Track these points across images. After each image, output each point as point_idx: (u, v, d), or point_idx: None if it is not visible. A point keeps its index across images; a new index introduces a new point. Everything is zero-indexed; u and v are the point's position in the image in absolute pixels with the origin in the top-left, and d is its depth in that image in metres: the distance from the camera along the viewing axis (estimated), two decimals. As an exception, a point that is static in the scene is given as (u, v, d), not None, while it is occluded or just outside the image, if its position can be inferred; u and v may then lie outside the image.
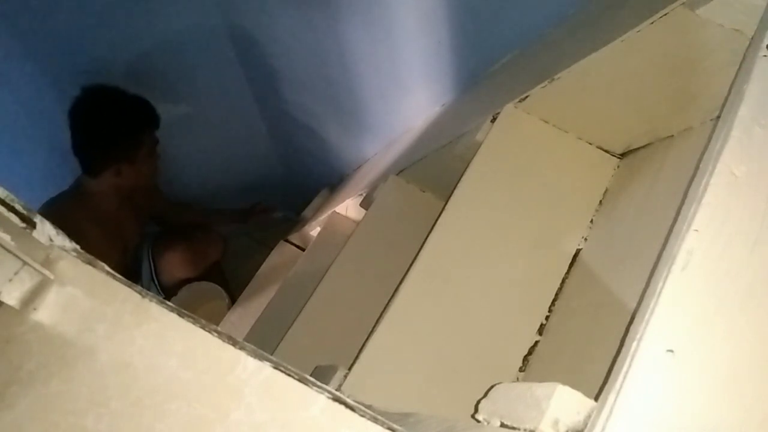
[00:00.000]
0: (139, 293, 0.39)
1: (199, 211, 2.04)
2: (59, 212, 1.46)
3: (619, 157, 0.85)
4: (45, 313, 0.38)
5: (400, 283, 0.77)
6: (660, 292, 0.37)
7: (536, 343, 0.75)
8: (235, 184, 2.26)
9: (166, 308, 0.39)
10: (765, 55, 0.46)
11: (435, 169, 1.12)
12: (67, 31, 1.61)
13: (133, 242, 1.75)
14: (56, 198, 1.55)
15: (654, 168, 0.75)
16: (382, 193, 1.26)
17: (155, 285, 1.82)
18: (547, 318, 0.76)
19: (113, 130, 1.50)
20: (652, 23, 0.63)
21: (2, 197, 0.36)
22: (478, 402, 0.46)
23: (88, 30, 1.61)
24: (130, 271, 1.79)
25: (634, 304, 0.59)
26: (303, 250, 1.93)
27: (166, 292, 1.82)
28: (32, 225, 0.38)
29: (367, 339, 0.74)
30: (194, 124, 1.96)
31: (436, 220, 0.80)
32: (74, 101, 1.47)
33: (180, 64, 1.73)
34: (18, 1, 1.54)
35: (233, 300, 1.93)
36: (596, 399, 0.37)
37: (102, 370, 0.37)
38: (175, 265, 1.84)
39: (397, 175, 1.25)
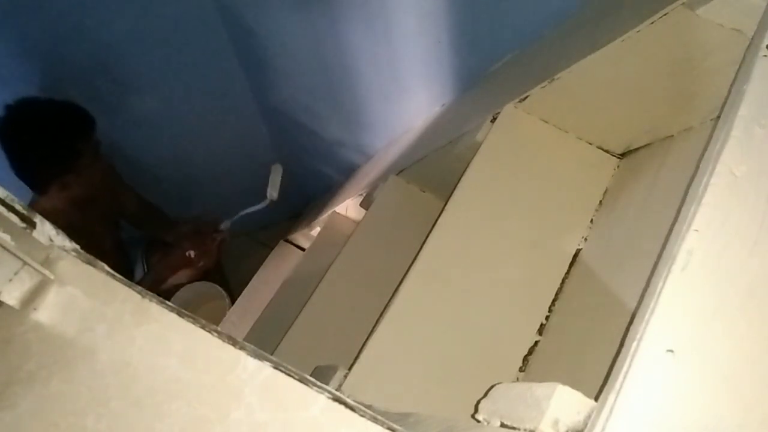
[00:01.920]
0: (139, 293, 0.39)
1: (163, 216, 1.94)
2: None
3: (619, 157, 0.85)
4: (45, 313, 0.38)
5: (400, 283, 0.77)
6: (660, 292, 0.37)
7: (536, 343, 0.75)
8: (234, 184, 2.26)
9: (166, 308, 0.39)
10: (765, 55, 0.46)
11: (435, 169, 1.12)
12: (66, 29, 1.61)
13: (108, 245, 1.69)
14: None
15: (654, 168, 0.75)
16: (382, 193, 1.26)
17: None
18: (547, 318, 0.76)
19: (47, 144, 1.41)
20: (652, 23, 0.63)
21: (2, 197, 0.36)
22: (478, 402, 0.46)
23: (88, 30, 1.61)
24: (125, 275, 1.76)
25: (634, 304, 0.59)
26: (303, 250, 1.93)
27: (161, 296, 1.79)
28: (32, 225, 0.38)
29: (367, 339, 0.74)
30: (193, 124, 1.96)
31: (436, 220, 0.80)
32: (0, 121, 1.38)
33: (179, 64, 1.73)
34: (13, 1, 1.54)
35: (233, 300, 1.93)
36: (596, 399, 0.37)
37: (102, 370, 0.37)
38: (168, 267, 1.82)
39: (397, 175, 1.25)
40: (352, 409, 0.36)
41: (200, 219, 1.81)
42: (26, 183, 1.45)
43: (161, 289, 1.64)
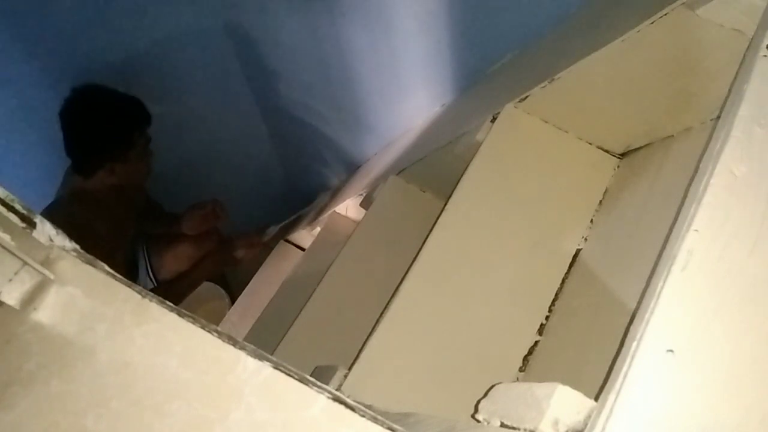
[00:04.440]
0: (139, 293, 0.39)
1: (164, 213, 1.97)
2: (70, 216, 1.43)
3: (619, 157, 0.85)
4: (45, 313, 0.38)
5: (400, 283, 0.77)
6: (660, 292, 0.37)
7: (536, 343, 0.75)
8: (234, 185, 2.25)
9: (166, 308, 0.39)
10: (765, 55, 0.46)
11: (435, 169, 1.12)
12: (67, 30, 1.61)
13: (130, 236, 1.74)
14: (58, 203, 1.52)
15: (654, 168, 0.75)
16: (382, 193, 1.26)
17: (152, 282, 1.83)
18: (547, 318, 0.76)
19: (106, 131, 1.49)
20: (652, 23, 0.63)
21: (2, 197, 0.36)
22: (478, 402, 0.46)
23: (88, 29, 1.61)
24: (131, 266, 1.79)
25: (634, 304, 0.59)
26: (303, 250, 1.93)
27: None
28: (32, 225, 0.38)
29: (367, 339, 0.74)
30: (193, 124, 1.96)
31: (436, 220, 0.80)
32: (65, 102, 1.46)
33: (179, 64, 1.73)
34: (18, 1, 1.54)
35: (233, 300, 1.93)
36: (596, 399, 0.37)
37: (102, 370, 0.37)
38: (170, 261, 1.84)
39: (397, 175, 1.25)
40: (352, 409, 0.36)
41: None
42: (75, 162, 1.52)
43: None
